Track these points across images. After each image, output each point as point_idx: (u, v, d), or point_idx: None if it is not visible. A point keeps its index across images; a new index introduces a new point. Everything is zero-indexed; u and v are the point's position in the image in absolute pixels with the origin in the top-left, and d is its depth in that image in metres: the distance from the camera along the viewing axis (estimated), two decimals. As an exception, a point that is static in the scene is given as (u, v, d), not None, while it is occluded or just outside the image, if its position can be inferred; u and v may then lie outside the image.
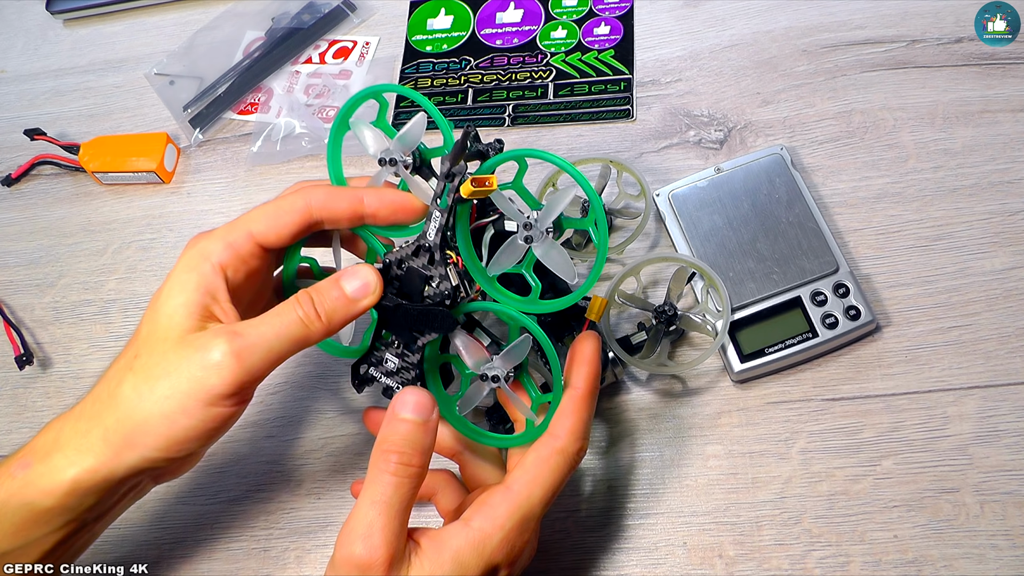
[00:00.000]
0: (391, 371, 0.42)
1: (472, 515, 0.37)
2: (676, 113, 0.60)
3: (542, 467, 0.38)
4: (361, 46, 0.69)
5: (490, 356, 0.40)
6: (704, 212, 0.52)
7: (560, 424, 0.39)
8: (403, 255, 0.40)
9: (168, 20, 0.75)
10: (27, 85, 0.74)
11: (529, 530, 0.38)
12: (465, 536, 0.36)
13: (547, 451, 0.38)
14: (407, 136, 0.41)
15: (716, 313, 0.49)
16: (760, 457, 0.47)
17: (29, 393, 0.58)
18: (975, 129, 0.55)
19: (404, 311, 0.40)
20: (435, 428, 0.37)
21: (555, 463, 0.38)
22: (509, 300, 0.41)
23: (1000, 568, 0.43)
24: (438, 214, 0.39)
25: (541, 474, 0.38)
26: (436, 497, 0.44)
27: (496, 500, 0.37)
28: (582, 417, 0.39)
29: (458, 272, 0.40)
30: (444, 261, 0.39)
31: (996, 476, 0.45)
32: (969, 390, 0.47)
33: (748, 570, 0.45)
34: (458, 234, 0.40)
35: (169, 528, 0.51)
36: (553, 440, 0.38)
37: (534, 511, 0.37)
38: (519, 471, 0.38)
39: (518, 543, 0.37)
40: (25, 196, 0.67)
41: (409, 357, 0.41)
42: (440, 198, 0.39)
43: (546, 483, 0.38)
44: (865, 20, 0.61)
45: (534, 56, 0.65)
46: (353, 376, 0.43)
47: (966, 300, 0.50)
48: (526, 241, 0.39)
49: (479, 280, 0.40)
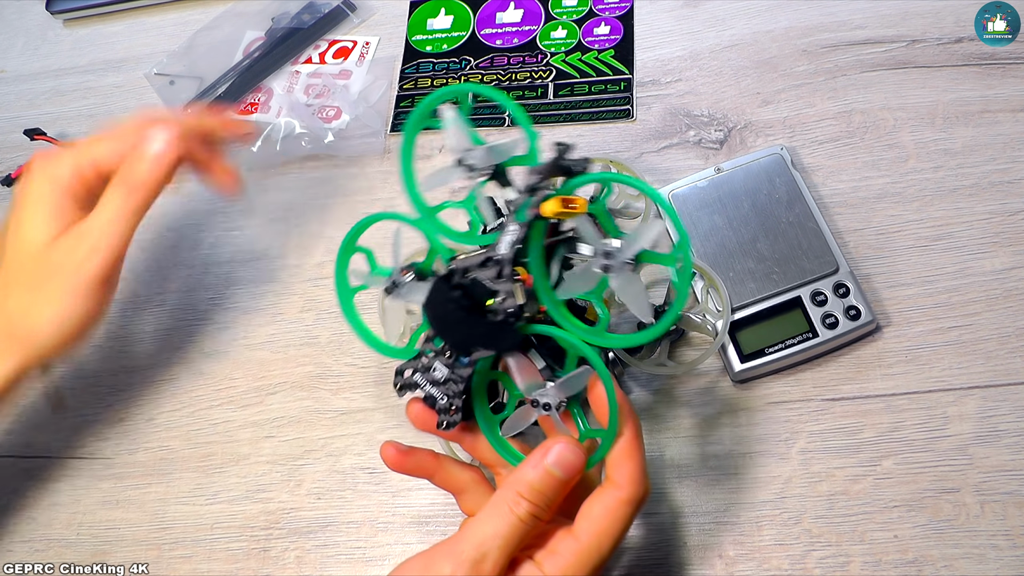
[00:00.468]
0: (437, 380, 0.40)
1: (543, 560, 0.37)
2: (676, 113, 0.60)
3: (609, 518, 0.37)
4: (361, 46, 0.69)
5: (543, 381, 0.39)
6: (704, 212, 0.52)
7: (620, 472, 0.37)
8: (470, 264, 0.38)
9: (168, 20, 0.75)
10: (27, 85, 0.74)
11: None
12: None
13: (613, 502, 0.37)
14: (496, 150, 0.39)
15: (716, 313, 0.49)
16: (760, 457, 0.47)
17: (29, 393, 0.58)
18: (975, 129, 0.55)
19: (465, 323, 0.38)
20: (572, 486, 0.37)
21: (622, 513, 0.37)
22: (575, 328, 0.38)
23: (1000, 568, 0.43)
24: (515, 227, 0.37)
25: (609, 526, 0.37)
26: (462, 496, 0.43)
27: (564, 548, 0.37)
28: (638, 461, 0.38)
29: (525, 291, 0.38)
30: (512, 277, 0.38)
31: (996, 476, 0.45)
32: (969, 390, 0.47)
33: (748, 570, 0.45)
34: (531, 251, 0.38)
35: (169, 528, 0.51)
36: (617, 491, 0.37)
37: (602, 560, 0.37)
38: (586, 521, 0.37)
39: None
40: (25, 196, 0.67)
41: (459, 369, 0.39)
42: (518, 211, 0.37)
43: (614, 534, 0.37)
44: (865, 20, 0.61)
45: (534, 56, 0.65)
46: (396, 378, 0.42)
47: (966, 300, 0.50)
48: (603, 270, 0.37)
49: (546, 302, 0.38)
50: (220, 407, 0.55)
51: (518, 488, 0.36)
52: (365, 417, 0.53)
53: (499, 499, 0.36)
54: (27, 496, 0.54)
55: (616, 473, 0.37)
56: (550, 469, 0.37)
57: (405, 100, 0.65)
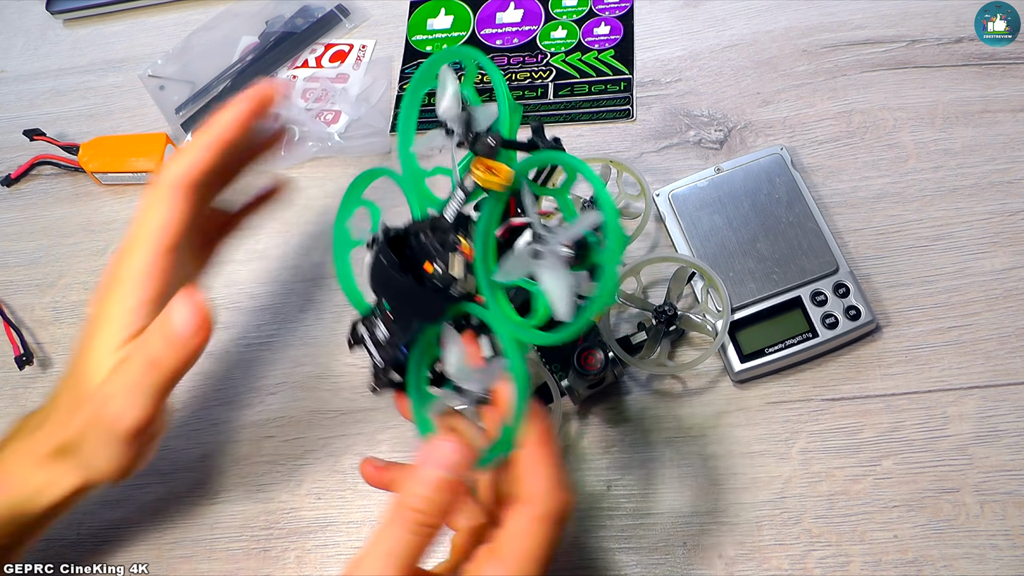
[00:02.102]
0: (379, 341, 0.37)
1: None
2: (676, 113, 0.60)
3: (529, 539, 0.34)
4: (358, 49, 0.69)
5: (471, 368, 0.35)
6: (704, 212, 0.52)
7: (530, 484, 0.34)
8: (421, 227, 0.36)
9: (168, 20, 0.75)
10: (27, 85, 0.74)
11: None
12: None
13: (527, 521, 0.34)
14: (476, 119, 0.36)
15: (716, 313, 0.49)
16: (760, 457, 0.47)
17: (29, 393, 0.58)
18: (975, 129, 0.55)
19: (395, 284, 0.35)
20: (463, 485, 0.34)
21: (539, 531, 0.34)
22: (502, 317, 0.34)
23: (1000, 568, 0.43)
24: (459, 195, 0.35)
25: (527, 547, 0.34)
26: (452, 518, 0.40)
27: (491, 571, 0.34)
28: (549, 470, 0.35)
29: (464, 264, 0.35)
30: (453, 247, 0.35)
31: (996, 476, 0.45)
32: (969, 390, 0.47)
33: (748, 570, 0.45)
34: (478, 225, 0.35)
35: (169, 528, 0.51)
36: (529, 507, 0.34)
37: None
38: (508, 541, 0.34)
39: None
40: (25, 196, 0.67)
41: (397, 336, 0.36)
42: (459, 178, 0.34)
43: (538, 556, 0.34)
44: (865, 20, 0.61)
45: (534, 56, 0.65)
46: (351, 332, 0.39)
47: (966, 300, 0.50)
48: (533, 256, 0.32)
49: (480, 281, 0.35)
50: (220, 407, 0.55)
51: (405, 503, 0.33)
52: (365, 417, 0.53)
53: (390, 518, 0.34)
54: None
55: (527, 485, 0.35)
56: (428, 474, 0.33)
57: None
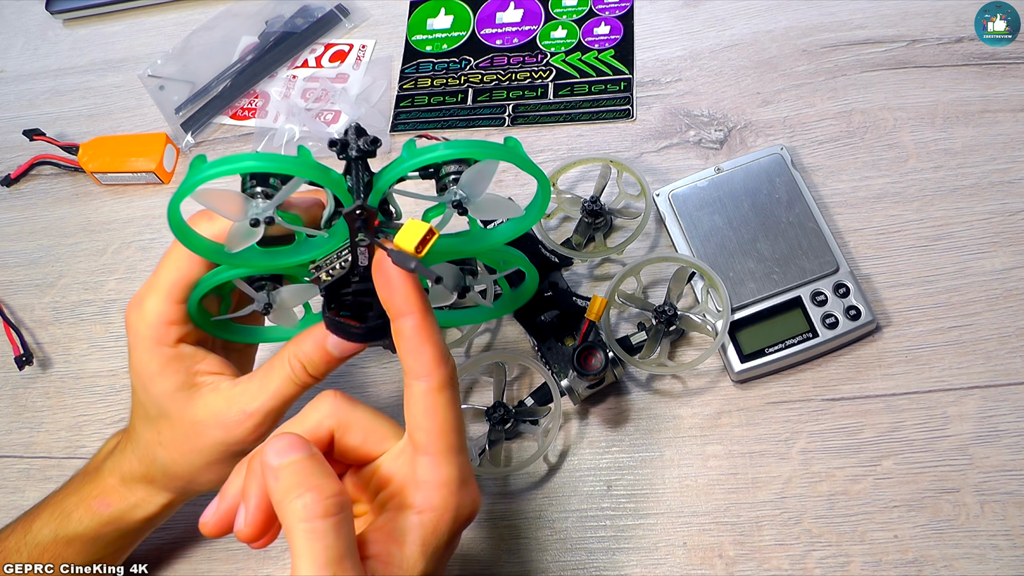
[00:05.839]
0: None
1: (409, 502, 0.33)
2: (676, 113, 0.60)
3: (436, 414, 0.33)
4: (358, 49, 0.69)
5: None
6: (704, 212, 0.52)
7: (418, 361, 0.33)
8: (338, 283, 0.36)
9: (168, 20, 0.75)
10: (27, 85, 0.74)
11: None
12: None
13: (429, 396, 0.33)
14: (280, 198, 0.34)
15: (716, 313, 0.49)
16: (760, 457, 0.47)
17: (29, 393, 0.58)
18: (975, 129, 0.55)
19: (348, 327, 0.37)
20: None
21: (442, 401, 0.33)
22: None
23: (1000, 568, 0.43)
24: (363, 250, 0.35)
25: (440, 421, 0.33)
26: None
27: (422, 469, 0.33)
28: (435, 342, 0.33)
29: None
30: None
31: (996, 476, 0.45)
32: (969, 390, 0.47)
33: (748, 570, 0.45)
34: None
35: (169, 528, 0.51)
36: (424, 382, 0.32)
37: (461, 453, 0.33)
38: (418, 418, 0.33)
39: None
40: (25, 196, 0.67)
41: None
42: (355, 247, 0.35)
43: (451, 425, 0.33)
44: (865, 20, 0.61)
45: (534, 56, 0.65)
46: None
47: (966, 300, 0.50)
48: (461, 212, 0.35)
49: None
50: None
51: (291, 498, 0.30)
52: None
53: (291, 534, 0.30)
54: (27, 496, 0.54)
55: (414, 363, 0.33)
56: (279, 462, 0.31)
57: (405, 100, 0.65)
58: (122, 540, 0.45)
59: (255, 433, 0.40)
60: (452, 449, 0.33)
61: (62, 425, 0.56)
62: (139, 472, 0.43)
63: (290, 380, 0.39)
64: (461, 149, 0.34)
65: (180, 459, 0.41)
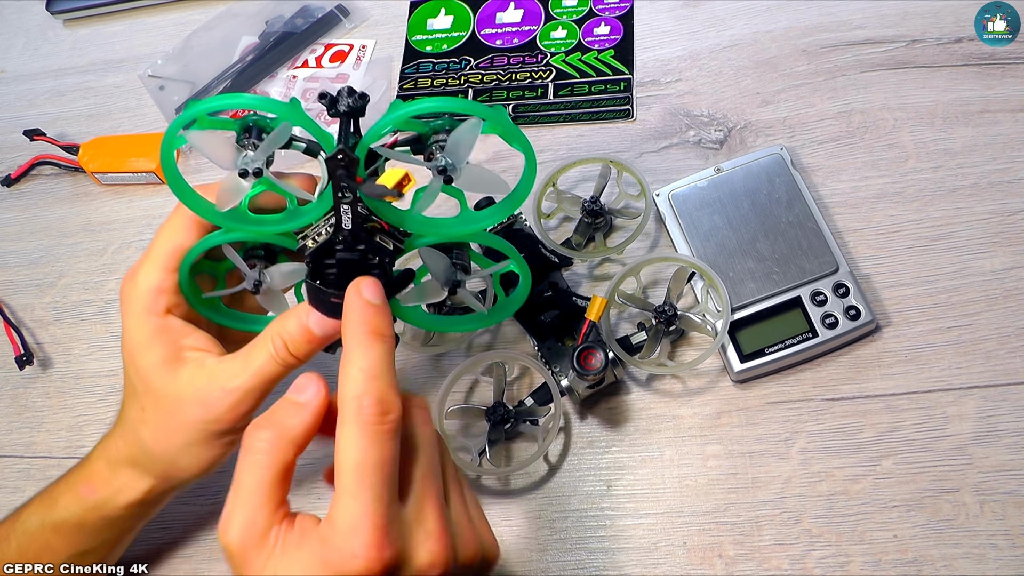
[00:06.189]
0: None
1: None
2: (676, 113, 0.60)
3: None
4: (358, 49, 0.69)
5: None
6: (704, 212, 0.52)
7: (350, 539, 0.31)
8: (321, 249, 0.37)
9: (168, 20, 0.75)
10: (27, 85, 0.74)
11: None
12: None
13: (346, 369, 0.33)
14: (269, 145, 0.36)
15: (716, 313, 0.49)
16: (760, 457, 0.47)
17: (29, 393, 0.58)
18: (975, 129, 0.55)
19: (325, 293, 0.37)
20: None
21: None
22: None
23: (1000, 568, 0.43)
24: (346, 208, 0.35)
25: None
26: None
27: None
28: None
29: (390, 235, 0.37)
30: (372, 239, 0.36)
31: (996, 476, 0.45)
32: (969, 390, 0.47)
33: (748, 570, 0.45)
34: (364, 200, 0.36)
35: (169, 528, 0.51)
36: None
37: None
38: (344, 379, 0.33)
39: None
40: (25, 196, 0.67)
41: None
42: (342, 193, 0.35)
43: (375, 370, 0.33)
44: (865, 20, 0.61)
45: (534, 56, 0.65)
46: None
47: (966, 300, 0.50)
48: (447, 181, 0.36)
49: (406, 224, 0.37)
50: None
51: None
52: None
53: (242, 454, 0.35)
54: (27, 496, 0.54)
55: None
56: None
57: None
58: (109, 530, 0.44)
59: (234, 411, 0.39)
60: (348, 492, 0.31)
61: (62, 425, 0.56)
62: (124, 454, 0.42)
63: (272, 359, 0.38)
64: (445, 103, 0.34)
65: (161, 437, 0.40)
